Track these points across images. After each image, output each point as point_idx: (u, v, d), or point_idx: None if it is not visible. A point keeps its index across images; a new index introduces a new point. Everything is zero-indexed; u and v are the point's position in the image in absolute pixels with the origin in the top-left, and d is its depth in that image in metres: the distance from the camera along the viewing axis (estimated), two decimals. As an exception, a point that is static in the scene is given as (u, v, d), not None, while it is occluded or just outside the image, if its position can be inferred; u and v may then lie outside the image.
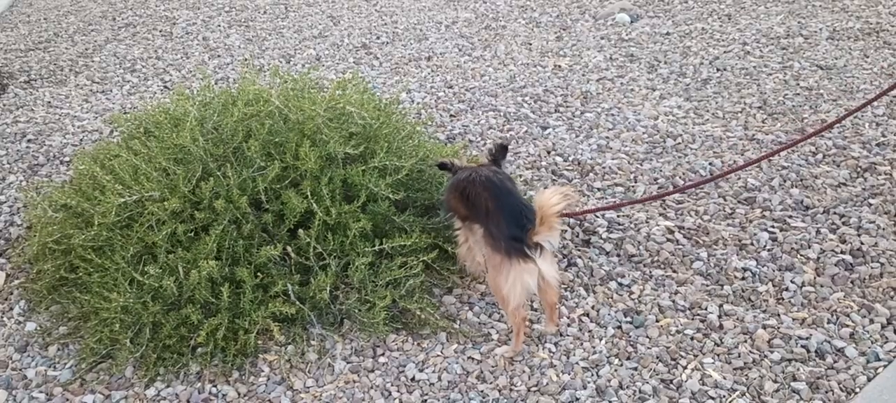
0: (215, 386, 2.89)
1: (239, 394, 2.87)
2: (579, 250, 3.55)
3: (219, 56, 6.14)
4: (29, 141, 4.83)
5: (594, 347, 3.01)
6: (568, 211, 3.52)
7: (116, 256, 3.20)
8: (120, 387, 2.91)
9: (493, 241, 2.89)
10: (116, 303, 3.01)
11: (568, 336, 3.08)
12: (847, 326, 3.04)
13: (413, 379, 2.90)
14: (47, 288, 3.32)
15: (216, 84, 5.43)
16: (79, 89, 5.61)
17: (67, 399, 2.87)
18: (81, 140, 4.81)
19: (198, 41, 6.47)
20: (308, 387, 2.89)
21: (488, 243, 2.92)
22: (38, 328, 3.20)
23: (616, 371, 2.90)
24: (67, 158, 4.53)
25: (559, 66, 5.62)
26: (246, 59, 5.97)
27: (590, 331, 3.09)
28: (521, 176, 4.18)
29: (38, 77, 5.84)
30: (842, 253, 3.43)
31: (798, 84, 5.11)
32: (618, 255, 3.51)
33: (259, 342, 3.04)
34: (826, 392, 2.76)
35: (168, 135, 3.56)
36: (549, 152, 4.42)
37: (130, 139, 3.92)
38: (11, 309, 3.36)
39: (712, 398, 2.76)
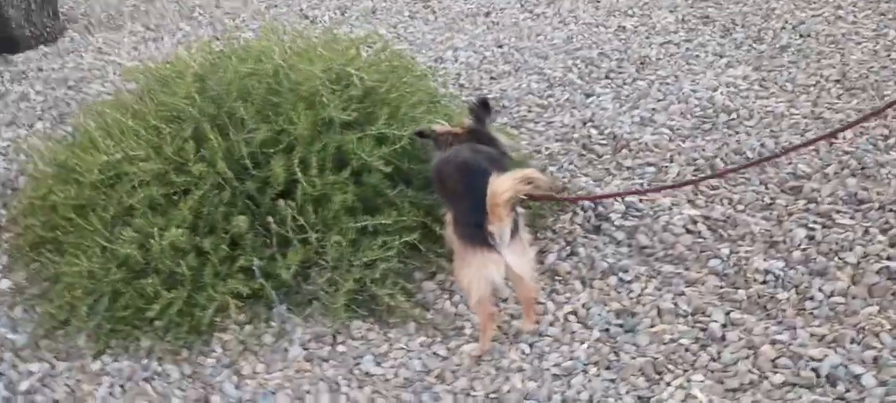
0: (161, 364, 2.76)
1: (183, 375, 2.73)
2: (587, 237, 3.22)
3: (275, 5, 6.00)
4: (69, 87, 4.84)
5: (573, 351, 2.71)
6: (565, 195, 3.22)
7: (93, 217, 3.11)
8: (69, 357, 2.81)
9: (458, 227, 2.64)
10: (80, 268, 2.92)
11: (548, 336, 2.78)
12: (872, 348, 2.62)
13: (367, 374, 2.69)
14: (29, 245, 3.27)
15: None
16: (132, 36, 5.60)
17: (14, 365, 2.79)
18: (119, 89, 4.77)
19: (262, -13, 6.35)
20: (256, 373, 2.72)
21: (455, 228, 2.66)
22: (13, 286, 3.16)
23: (590, 381, 2.59)
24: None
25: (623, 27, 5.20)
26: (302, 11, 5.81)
27: (573, 333, 2.79)
28: (547, 149, 3.85)
29: (97, 22, 5.87)
30: (888, 259, 2.97)
31: (889, 55, 4.52)
32: (629, 246, 3.17)
33: (217, 319, 2.88)
34: (827, 429, 2.38)
35: (162, 93, 3.44)
36: (585, 123, 4.07)
37: (147, 92, 3.82)
38: (-7, 263, 3.34)
39: (689, 423, 2.43)
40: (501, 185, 2.44)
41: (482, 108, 3.07)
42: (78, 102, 4.64)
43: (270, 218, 3.09)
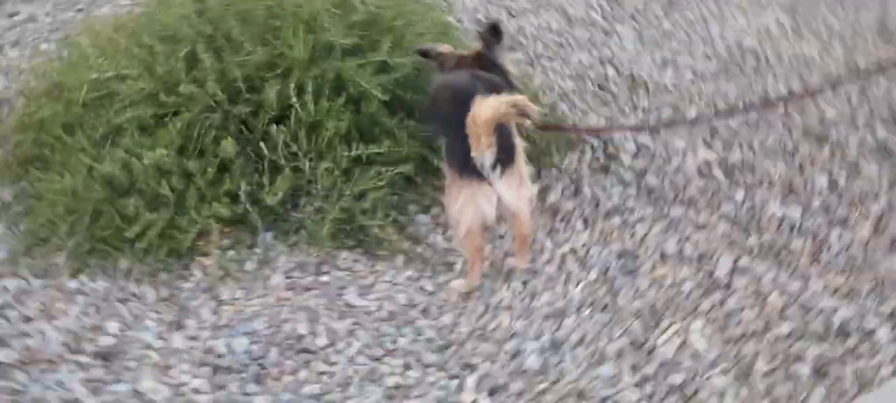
0: (138, 286, 2.65)
1: (159, 297, 2.62)
2: (594, 176, 3.05)
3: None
4: (79, 10, 4.72)
5: (567, 292, 2.55)
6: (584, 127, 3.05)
7: (80, 135, 3.01)
8: (46, 275, 2.71)
9: (449, 156, 2.47)
10: (63, 185, 2.83)
11: (543, 275, 2.63)
12: (889, 302, 2.43)
13: (349, 305, 2.56)
14: (18, 161, 3.18)
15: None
16: (149, -40, 5.46)
17: (-10, 280, 2.71)
18: (129, 11, 4.65)
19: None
20: (235, 299, 2.60)
21: (446, 157, 2.51)
22: None
23: (582, 323, 2.44)
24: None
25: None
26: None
27: (569, 273, 2.63)
28: (560, 87, 3.67)
29: (121, -53, 5.73)
30: (915, 210, 2.78)
31: (934, 4, 4.25)
32: (637, 187, 2.99)
33: (199, 244, 2.76)
34: (833, 382, 2.21)
35: (164, 12, 3.31)
36: (602, 62, 3.86)
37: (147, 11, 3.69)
38: (-19, 179, 3.24)
39: (684, 369, 2.27)
40: (482, 108, 2.25)
41: (492, 34, 2.88)
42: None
43: (262, 144, 2.97)
